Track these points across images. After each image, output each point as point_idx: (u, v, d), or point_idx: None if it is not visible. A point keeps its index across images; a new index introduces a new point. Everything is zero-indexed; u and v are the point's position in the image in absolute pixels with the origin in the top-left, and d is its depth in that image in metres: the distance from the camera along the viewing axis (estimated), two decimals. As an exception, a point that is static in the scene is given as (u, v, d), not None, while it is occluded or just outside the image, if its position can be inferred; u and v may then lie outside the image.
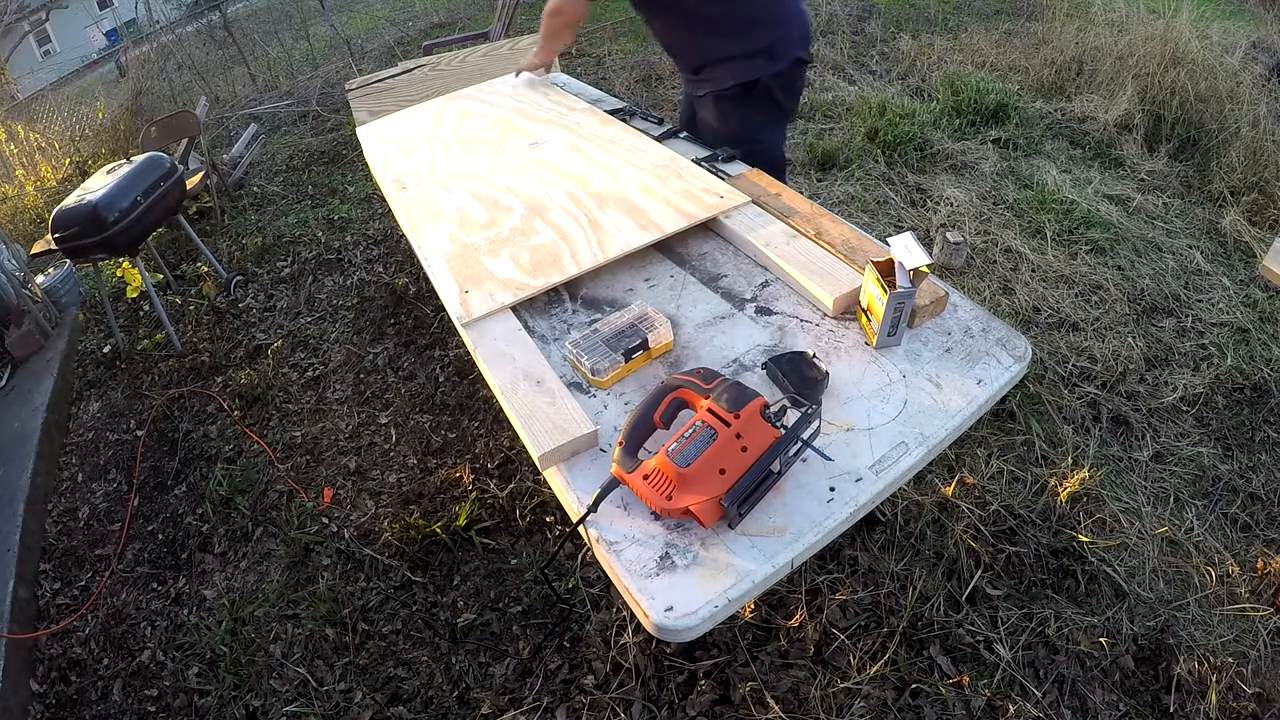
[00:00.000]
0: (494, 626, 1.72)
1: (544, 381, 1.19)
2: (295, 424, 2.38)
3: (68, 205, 2.57)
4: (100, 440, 2.52)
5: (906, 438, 1.07)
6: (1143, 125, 3.48)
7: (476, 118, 2.13)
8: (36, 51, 17.11)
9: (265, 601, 1.86)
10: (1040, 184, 3.12)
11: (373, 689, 1.65)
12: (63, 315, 3.12)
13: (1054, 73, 4.05)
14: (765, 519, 0.98)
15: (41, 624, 1.94)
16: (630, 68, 4.73)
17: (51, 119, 6.25)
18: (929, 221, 2.96)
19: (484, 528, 1.91)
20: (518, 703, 1.56)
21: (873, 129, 3.51)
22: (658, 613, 0.89)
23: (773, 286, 1.38)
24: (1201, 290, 2.57)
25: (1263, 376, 2.18)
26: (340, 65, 5.89)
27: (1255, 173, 3.10)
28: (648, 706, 1.51)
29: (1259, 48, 4.33)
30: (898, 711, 1.46)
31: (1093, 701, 1.47)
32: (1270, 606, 1.62)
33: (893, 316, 1.17)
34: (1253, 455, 1.98)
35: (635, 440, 1.04)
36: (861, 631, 1.59)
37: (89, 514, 2.25)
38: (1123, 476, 1.93)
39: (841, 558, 1.73)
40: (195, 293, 3.17)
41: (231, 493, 2.16)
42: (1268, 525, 1.81)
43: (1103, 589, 1.66)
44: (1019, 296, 2.51)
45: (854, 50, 4.68)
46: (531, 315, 1.39)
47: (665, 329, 1.24)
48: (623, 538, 0.99)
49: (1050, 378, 2.20)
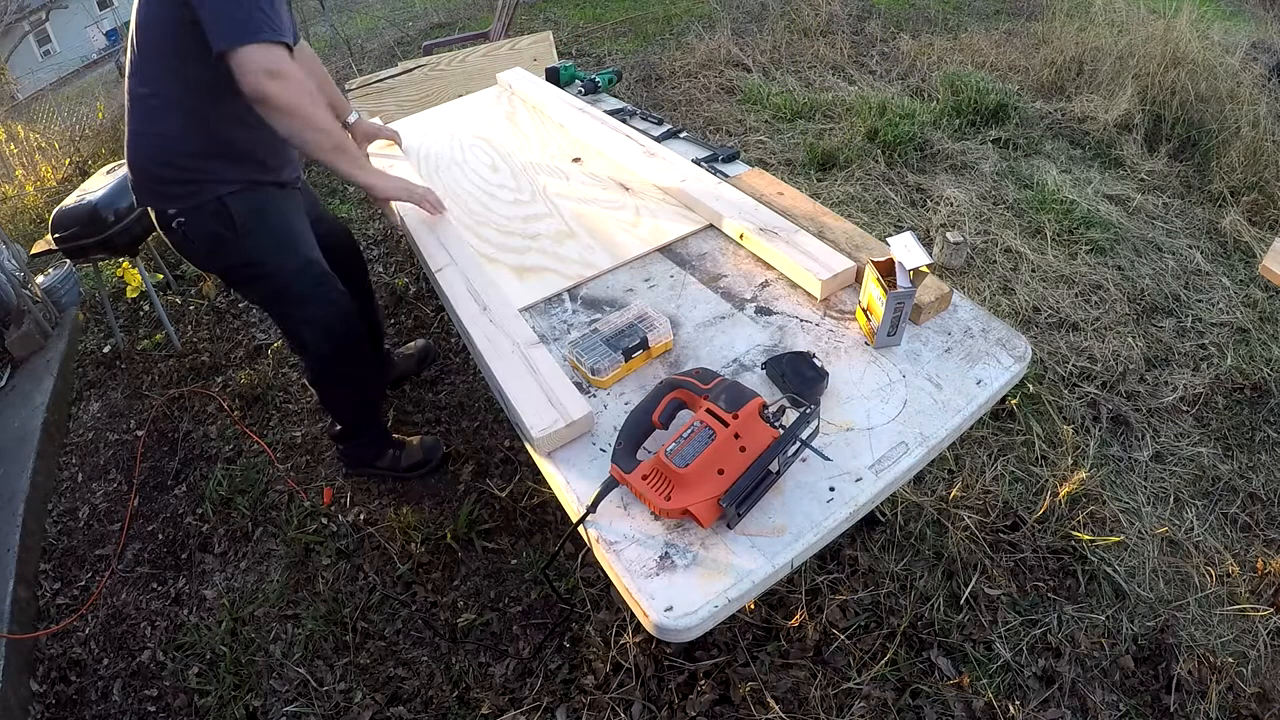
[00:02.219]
0: (494, 626, 1.72)
1: (540, 369, 1.19)
2: (295, 424, 2.38)
3: (68, 205, 2.56)
4: (100, 440, 2.52)
5: (906, 438, 1.07)
6: (1143, 125, 3.48)
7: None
8: (36, 51, 17.12)
9: (265, 601, 1.86)
10: (1040, 184, 3.12)
11: (373, 689, 1.65)
12: (63, 315, 3.12)
13: (1054, 73, 4.05)
14: (765, 519, 0.98)
15: (41, 624, 1.94)
16: (630, 68, 4.73)
17: (51, 119, 6.25)
18: (929, 221, 2.96)
19: (484, 528, 1.91)
20: (518, 703, 1.56)
21: (873, 129, 3.51)
22: (658, 613, 0.89)
23: (773, 286, 1.39)
24: (1201, 290, 2.57)
25: (1263, 376, 2.18)
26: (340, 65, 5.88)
27: (1255, 173, 3.10)
28: (648, 706, 1.51)
29: (1259, 48, 4.33)
30: (898, 712, 1.46)
31: (1093, 701, 1.47)
32: (1270, 606, 1.61)
33: (893, 316, 1.17)
34: (1253, 455, 1.98)
35: (634, 440, 1.04)
36: (861, 631, 1.59)
37: (89, 514, 2.25)
38: (1123, 476, 1.93)
39: (841, 558, 1.73)
40: (195, 293, 3.17)
41: (231, 493, 2.16)
42: (1268, 525, 1.81)
43: (1103, 589, 1.66)
44: (1019, 296, 2.51)
45: (854, 50, 4.68)
46: (531, 315, 1.40)
47: (665, 329, 1.24)
48: (623, 538, 0.99)
49: (1050, 378, 2.20)
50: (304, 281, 1.67)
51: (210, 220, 1.56)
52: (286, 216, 1.68)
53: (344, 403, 1.98)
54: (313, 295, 1.69)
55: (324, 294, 1.71)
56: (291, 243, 1.66)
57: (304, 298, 1.69)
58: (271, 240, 1.64)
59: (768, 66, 4.49)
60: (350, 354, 1.80)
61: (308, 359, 1.84)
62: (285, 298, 1.70)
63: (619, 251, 1.51)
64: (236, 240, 1.59)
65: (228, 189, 1.55)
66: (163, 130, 1.50)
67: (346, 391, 1.92)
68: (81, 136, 5.63)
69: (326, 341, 1.75)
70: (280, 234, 1.65)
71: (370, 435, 2.06)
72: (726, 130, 3.81)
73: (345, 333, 1.76)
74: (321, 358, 1.79)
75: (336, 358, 1.79)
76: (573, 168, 1.86)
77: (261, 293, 1.75)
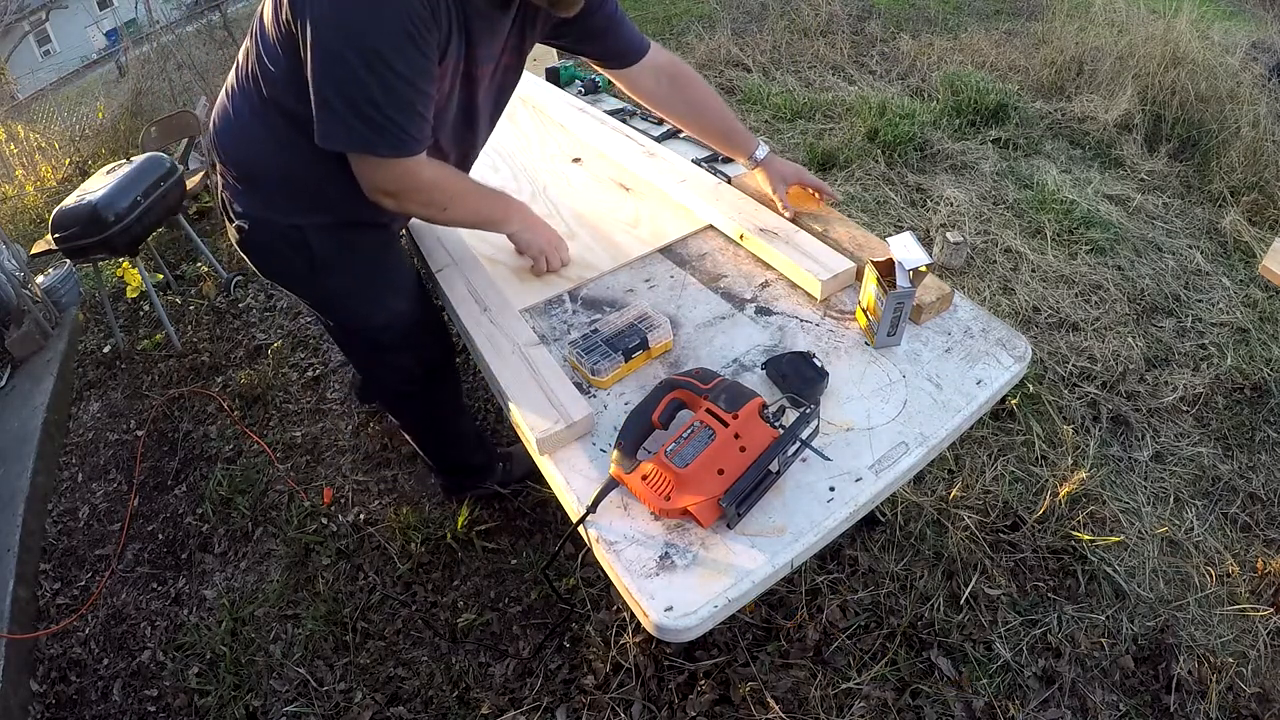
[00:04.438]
0: (494, 626, 1.72)
1: (540, 370, 1.19)
2: (295, 424, 2.38)
3: (68, 205, 2.56)
4: (100, 440, 2.52)
5: (906, 438, 1.07)
6: (1143, 125, 3.48)
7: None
8: (36, 51, 17.11)
9: (265, 601, 1.86)
10: (1040, 184, 3.12)
11: (373, 689, 1.65)
12: (63, 315, 3.12)
13: (1054, 73, 4.05)
14: (765, 519, 0.98)
15: (41, 624, 1.94)
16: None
17: (51, 119, 6.25)
18: (929, 221, 2.95)
19: (484, 528, 1.91)
20: (518, 703, 1.56)
21: (873, 129, 3.51)
22: (658, 613, 0.89)
23: (773, 287, 1.39)
24: (1201, 290, 2.57)
25: (1263, 376, 2.18)
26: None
27: (1255, 173, 3.10)
28: (648, 706, 1.51)
29: (1259, 48, 4.33)
30: (898, 712, 1.46)
31: (1093, 701, 1.47)
32: (1270, 606, 1.61)
33: (893, 316, 1.17)
34: (1253, 455, 1.98)
35: (634, 440, 1.04)
36: (861, 631, 1.59)
37: (89, 514, 2.25)
38: (1123, 476, 1.93)
39: (841, 558, 1.73)
40: (195, 293, 3.17)
41: (231, 493, 2.16)
42: (1268, 525, 1.81)
43: (1103, 589, 1.66)
44: (1019, 296, 2.51)
45: (854, 50, 4.68)
46: (531, 315, 1.40)
47: (665, 329, 1.24)
48: (623, 538, 0.99)
49: (1050, 378, 2.20)
50: (390, 335, 1.46)
51: (281, 242, 1.32)
52: (378, 259, 1.42)
53: (429, 443, 1.82)
54: (395, 345, 1.49)
55: (411, 343, 1.51)
56: (379, 292, 1.42)
57: (386, 347, 1.49)
58: (356, 285, 1.39)
59: (768, 66, 4.49)
60: (431, 400, 1.63)
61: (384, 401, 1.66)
62: (362, 346, 1.55)
63: (619, 252, 1.51)
64: (312, 276, 1.36)
65: (313, 220, 1.29)
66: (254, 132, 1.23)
67: (429, 434, 1.79)
68: (81, 136, 5.63)
69: (408, 384, 1.58)
70: (367, 280, 1.40)
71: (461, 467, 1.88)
72: (726, 130, 3.80)
73: (428, 380, 1.58)
74: (402, 397, 1.65)
75: (418, 402, 1.64)
76: (573, 168, 1.86)
77: (332, 331, 1.57)
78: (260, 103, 1.20)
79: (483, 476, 1.91)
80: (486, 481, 1.91)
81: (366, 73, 1.02)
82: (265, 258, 1.38)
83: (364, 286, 1.40)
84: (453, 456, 1.86)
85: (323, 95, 1.05)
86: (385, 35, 1.00)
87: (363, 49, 1.00)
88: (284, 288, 1.55)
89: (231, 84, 1.25)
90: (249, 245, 1.35)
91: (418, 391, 1.61)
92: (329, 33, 1.00)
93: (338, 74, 1.03)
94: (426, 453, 1.86)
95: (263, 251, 1.36)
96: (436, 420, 1.73)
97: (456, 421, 1.79)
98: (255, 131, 1.22)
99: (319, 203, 1.27)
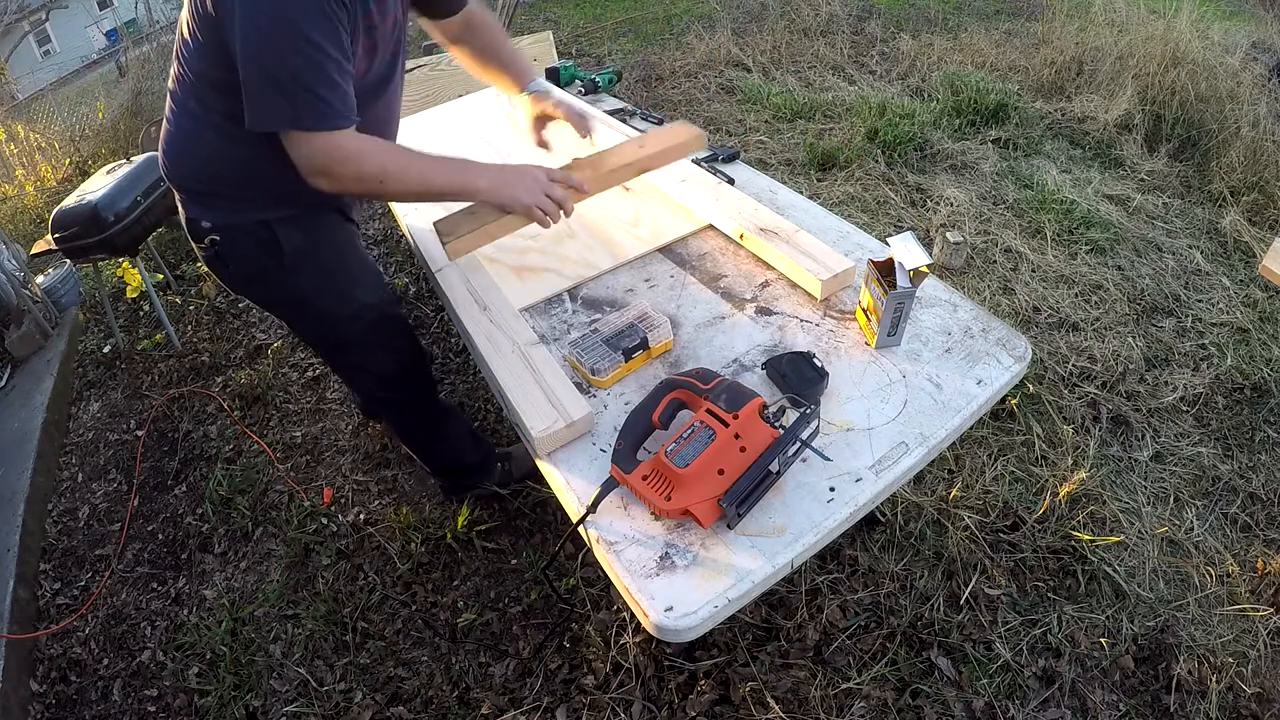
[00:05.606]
0: (494, 626, 1.72)
1: (540, 369, 1.19)
2: (295, 424, 2.38)
3: (68, 205, 2.57)
4: (100, 440, 2.52)
5: (906, 438, 1.07)
6: (1143, 125, 3.48)
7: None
8: (36, 51, 17.12)
9: (265, 601, 1.86)
10: (1040, 184, 3.12)
11: (373, 689, 1.65)
12: (63, 315, 3.12)
13: (1054, 73, 4.05)
14: (765, 519, 0.98)
15: (41, 624, 1.94)
16: (630, 68, 4.73)
17: (51, 119, 6.25)
18: (929, 221, 2.95)
19: (484, 528, 1.91)
20: (518, 703, 1.56)
21: (873, 129, 3.51)
22: (658, 613, 0.89)
23: (773, 286, 1.39)
24: (1201, 290, 2.57)
25: (1263, 376, 2.18)
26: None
27: (1255, 173, 3.10)
28: (648, 706, 1.51)
29: (1259, 48, 4.33)
30: (898, 712, 1.46)
31: (1093, 701, 1.47)
32: (1270, 606, 1.61)
33: (893, 316, 1.17)
34: (1253, 455, 1.98)
35: (634, 441, 1.04)
36: (861, 631, 1.59)
37: (89, 514, 2.25)
38: (1123, 476, 1.93)
39: (841, 558, 1.73)
40: (195, 293, 3.17)
41: (231, 493, 2.16)
42: (1268, 525, 1.81)
43: (1103, 589, 1.66)
44: (1019, 296, 2.51)
45: (854, 50, 4.68)
46: (531, 315, 1.40)
47: (665, 329, 1.24)
48: (623, 538, 0.99)
49: (1050, 378, 2.20)
50: (359, 326, 1.47)
51: (252, 245, 1.33)
52: (343, 251, 1.45)
53: (419, 445, 1.85)
54: (364, 342, 1.51)
55: (382, 341, 1.53)
56: (347, 285, 1.44)
57: (352, 344, 1.51)
58: (323, 280, 1.41)
59: (768, 66, 4.49)
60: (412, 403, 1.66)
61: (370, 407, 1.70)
62: (332, 343, 1.55)
63: (619, 251, 1.51)
64: (283, 274, 1.37)
65: (277, 214, 1.32)
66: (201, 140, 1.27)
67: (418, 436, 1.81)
68: (81, 136, 5.62)
69: (387, 389, 1.61)
70: (334, 273, 1.42)
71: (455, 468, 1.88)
72: (726, 130, 3.81)
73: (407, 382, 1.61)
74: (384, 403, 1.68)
75: (400, 407, 1.67)
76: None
77: (304, 333, 1.60)
78: (203, 111, 1.23)
79: (480, 476, 1.91)
80: (485, 481, 1.92)
81: (285, 44, 1.05)
82: (239, 265, 1.39)
83: (332, 280, 1.43)
84: (445, 457, 1.87)
85: (248, 76, 1.09)
86: (300, 5, 1.04)
87: (278, 19, 1.05)
88: (257, 300, 1.58)
89: (170, 108, 1.29)
90: (222, 257, 1.36)
91: (396, 397, 1.67)
92: (249, 8, 1.05)
93: (256, 47, 1.06)
94: (419, 455, 1.90)
95: (237, 260, 1.37)
96: (423, 423, 1.76)
97: (444, 423, 1.80)
98: (204, 139, 1.26)
99: (280, 195, 1.29)
